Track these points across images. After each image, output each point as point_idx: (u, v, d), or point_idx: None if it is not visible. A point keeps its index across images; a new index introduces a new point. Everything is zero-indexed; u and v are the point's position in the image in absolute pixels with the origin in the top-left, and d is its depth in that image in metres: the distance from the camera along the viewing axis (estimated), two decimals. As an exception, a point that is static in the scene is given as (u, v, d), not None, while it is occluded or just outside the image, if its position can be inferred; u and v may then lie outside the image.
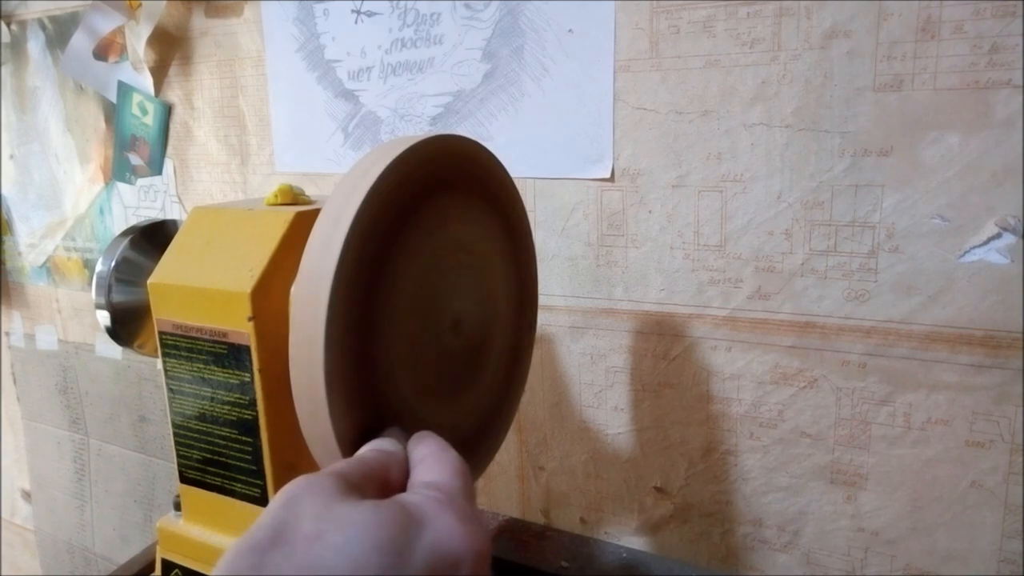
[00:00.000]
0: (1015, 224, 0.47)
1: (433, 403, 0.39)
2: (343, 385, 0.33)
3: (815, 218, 0.53)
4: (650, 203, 0.58)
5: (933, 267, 0.50)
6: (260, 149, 0.79)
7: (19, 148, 1.02)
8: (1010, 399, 0.49)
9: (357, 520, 0.25)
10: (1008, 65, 0.45)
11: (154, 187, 0.88)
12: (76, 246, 0.99)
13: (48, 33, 0.93)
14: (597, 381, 0.64)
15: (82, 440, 1.09)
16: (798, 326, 0.55)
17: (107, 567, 1.11)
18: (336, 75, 0.71)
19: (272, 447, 0.40)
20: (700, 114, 0.55)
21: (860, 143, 0.50)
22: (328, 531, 0.25)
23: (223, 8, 0.77)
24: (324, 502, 0.26)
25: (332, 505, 0.26)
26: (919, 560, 0.54)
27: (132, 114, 0.87)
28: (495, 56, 0.63)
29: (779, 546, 0.59)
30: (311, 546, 0.24)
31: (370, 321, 0.34)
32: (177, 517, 0.46)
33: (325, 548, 0.24)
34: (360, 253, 0.33)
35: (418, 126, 0.68)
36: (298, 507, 0.26)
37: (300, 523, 0.25)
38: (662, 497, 0.64)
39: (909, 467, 0.53)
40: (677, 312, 0.59)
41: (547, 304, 0.64)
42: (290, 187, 0.43)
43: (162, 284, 0.42)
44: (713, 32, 0.53)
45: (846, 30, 0.49)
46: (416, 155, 0.35)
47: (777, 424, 0.57)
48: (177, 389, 0.43)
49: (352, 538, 0.24)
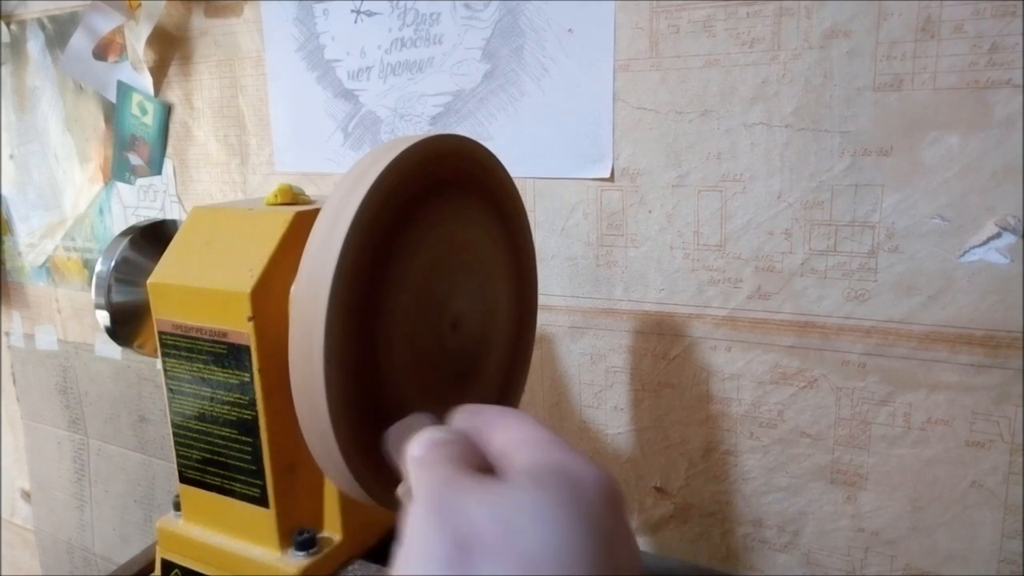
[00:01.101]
0: (1015, 224, 0.47)
1: (433, 403, 0.39)
2: (343, 385, 0.33)
3: (815, 218, 0.53)
4: (650, 203, 0.58)
5: (933, 267, 0.50)
6: (260, 149, 0.79)
7: (19, 148, 1.02)
8: (1010, 399, 0.49)
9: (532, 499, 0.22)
10: (1008, 65, 0.45)
11: (154, 187, 0.88)
12: (76, 246, 0.99)
13: (48, 33, 0.93)
14: (597, 381, 0.64)
15: (82, 440, 1.09)
16: (798, 326, 0.55)
17: (107, 567, 1.11)
18: (336, 75, 0.71)
19: (272, 447, 0.40)
20: (700, 114, 0.55)
21: (860, 143, 0.50)
22: (514, 517, 0.22)
23: (223, 8, 0.77)
24: (476, 491, 0.23)
25: (487, 491, 0.23)
26: (919, 560, 0.54)
27: (132, 114, 0.87)
28: (495, 56, 0.63)
29: (779, 546, 0.59)
30: (507, 539, 0.21)
31: (370, 321, 0.34)
32: (177, 517, 0.46)
33: (524, 535, 0.21)
34: (360, 253, 0.33)
35: (418, 126, 0.68)
36: (455, 508, 0.23)
37: (474, 519, 0.22)
38: (662, 497, 0.64)
39: (909, 467, 0.53)
40: (677, 312, 0.59)
41: (547, 304, 0.64)
42: (290, 187, 0.43)
43: (162, 284, 0.41)
44: (713, 32, 0.53)
45: (846, 30, 0.49)
46: (415, 155, 0.35)
47: (777, 424, 0.57)
48: (177, 389, 0.43)
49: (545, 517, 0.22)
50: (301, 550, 0.41)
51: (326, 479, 0.42)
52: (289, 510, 0.42)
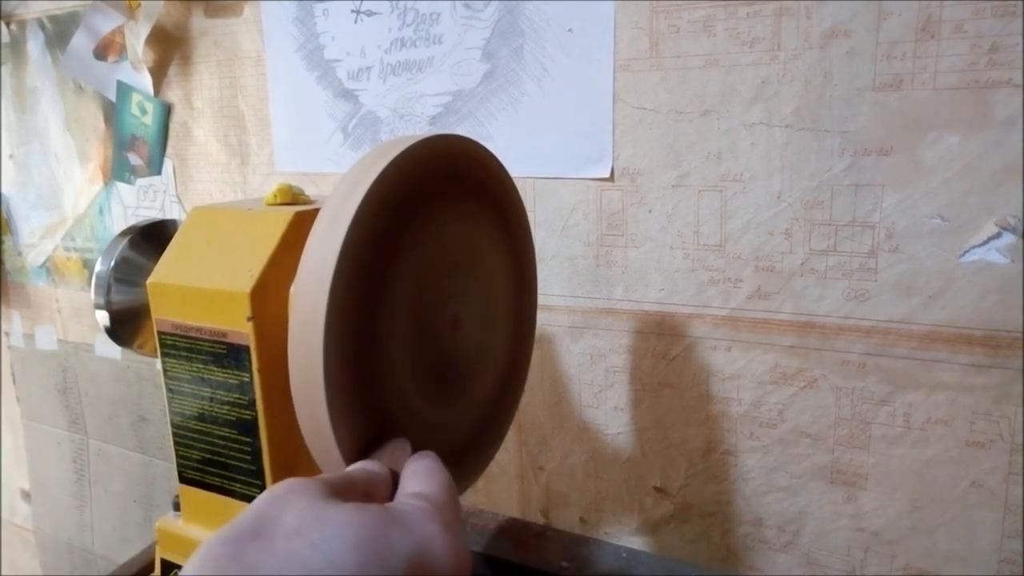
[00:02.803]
0: (1015, 224, 0.47)
1: (432, 403, 0.39)
2: (342, 385, 0.33)
3: (815, 218, 0.53)
4: (650, 203, 0.58)
5: (933, 267, 0.49)
6: (260, 149, 0.79)
7: (19, 148, 1.02)
8: (1010, 399, 0.49)
9: (337, 518, 0.25)
10: (1008, 65, 0.45)
11: (153, 187, 0.88)
12: (76, 246, 0.99)
13: (48, 33, 0.93)
14: (597, 381, 0.64)
15: (82, 440, 1.09)
16: (798, 326, 0.55)
17: (107, 567, 1.11)
18: (336, 75, 0.71)
19: (271, 447, 0.40)
20: (700, 114, 0.55)
21: (860, 143, 0.50)
22: (308, 527, 0.25)
23: (223, 8, 0.77)
24: (308, 501, 0.26)
25: (316, 504, 0.26)
26: (919, 560, 0.54)
27: (131, 114, 0.87)
28: (495, 56, 0.62)
29: (779, 546, 0.59)
30: (290, 540, 0.24)
31: (369, 321, 0.34)
32: (176, 517, 0.46)
33: (303, 543, 0.24)
34: (359, 253, 0.33)
35: (418, 126, 0.68)
36: (282, 503, 0.26)
37: (282, 518, 0.25)
38: (662, 497, 0.64)
39: (909, 467, 0.53)
40: (677, 312, 0.59)
41: (547, 304, 0.64)
42: (289, 187, 0.43)
43: (161, 284, 0.41)
44: (713, 32, 0.53)
45: (846, 30, 0.49)
46: (415, 155, 0.35)
47: (777, 424, 0.57)
48: (176, 389, 0.42)
49: (330, 535, 0.24)
50: (301, 550, 0.41)
51: (326, 479, 0.42)
52: (289, 510, 0.42)
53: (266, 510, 0.26)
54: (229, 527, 0.25)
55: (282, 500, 0.26)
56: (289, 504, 0.26)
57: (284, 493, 0.27)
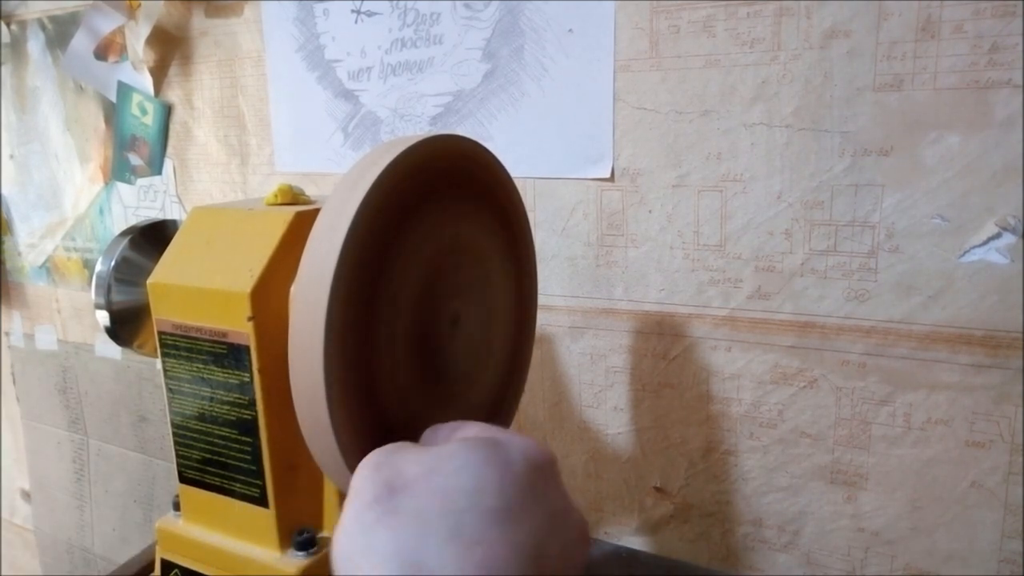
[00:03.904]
0: (1015, 224, 0.47)
1: (432, 402, 0.39)
2: (342, 384, 0.33)
3: (815, 218, 0.53)
4: (650, 203, 0.58)
5: (933, 267, 0.50)
6: (260, 149, 0.79)
7: (19, 148, 1.02)
8: (1010, 399, 0.49)
9: (452, 452, 0.26)
10: (1008, 65, 0.45)
11: (154, 187, 0.88)
12: (76, 246, 0.99)
13: (48, 33, 0.93)
14: (597, 381, 0.64)
15: (82, 440, 1.09)
16: (798, 326, 0.55)
17: (107, 567, 1.11)
18: (336, 75, 0.71)
19: (271, 447, 0.40)
20: (700, 114, 0.55)
21: (860, 143, 0.50)
22: (438, 465, 0.26)
23: (223, 8, 0.77)
24: (413, 453, 0.27)
25: (420, 453, 0.27)
26: (919, 560, 0.54)
27: (132, 114, 0.87)
28: (495, 56, 0.63)
29: (779, 546, 0.59)
30: (430, 479, 0.25)
31: (370, 321, 0.34)
32: (176, 517, 0.46)
33: (444, 476, 0.25)
34: (359, 253, 0.33)
35: (418, 126, 0.68)
36: (389, 466, 0.27)
37: (405, 470, 0.26)
38: (662, 497, 0.64)
39: (909, 467, 0.53)
40: (677, 312, 0.59)
41: (547, 304, 0.64)
42: (290, 187, 0.43)
43: (162, 284, 0.41)
44: (713, 32, 0.53)
45: (846, 30, 0.49)
46: (415, 155, 0.35)
47: (777, 424, 0.57)
48: (176, 389, 0.43)
49: (460, 465, 0.26)
50: (301, 550, 0.41)
51: (326, 479, 0.42)
52: (289, 510, 0.42)
53: (382, 475, 0.26)
54: (359, 497, 0.26)
55: (387, 464, 0.27)
56: (398, 462, 0.27)
57: (383, 459, 0.27)
